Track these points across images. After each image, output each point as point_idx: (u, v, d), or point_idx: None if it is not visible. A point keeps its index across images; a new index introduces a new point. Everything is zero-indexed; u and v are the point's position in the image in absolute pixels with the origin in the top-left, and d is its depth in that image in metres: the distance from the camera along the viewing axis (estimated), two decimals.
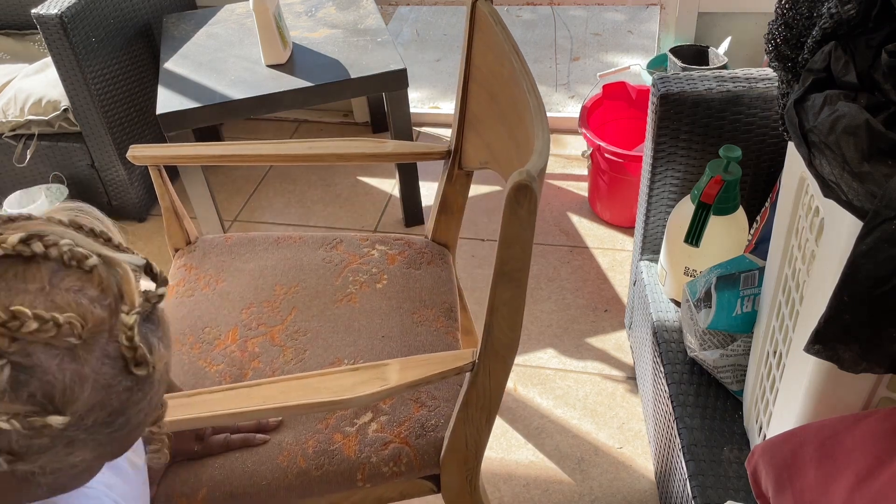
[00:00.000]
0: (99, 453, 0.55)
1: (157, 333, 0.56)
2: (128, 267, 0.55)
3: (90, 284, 0.52)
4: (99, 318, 0.52)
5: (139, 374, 0.53)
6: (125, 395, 0.53)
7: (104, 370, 0.52)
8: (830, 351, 0.68)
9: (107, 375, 0.52)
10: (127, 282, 0.55)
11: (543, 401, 1.60)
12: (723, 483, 1.04)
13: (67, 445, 0.52)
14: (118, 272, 0.55)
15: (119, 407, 0.53)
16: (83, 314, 0.51)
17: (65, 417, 0.50)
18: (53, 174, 2.11)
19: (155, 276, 0.59)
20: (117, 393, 0.53)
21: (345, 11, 2.04)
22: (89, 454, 0.54)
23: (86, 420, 0.51)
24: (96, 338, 0.52)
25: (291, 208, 2.21)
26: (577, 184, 2.19)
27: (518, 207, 0.74)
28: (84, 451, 0.53)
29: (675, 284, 1.30)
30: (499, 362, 0.89)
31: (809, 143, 0.70)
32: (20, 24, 2.31)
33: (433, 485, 1.05)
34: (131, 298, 0.54)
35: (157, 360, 0.55)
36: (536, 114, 0.86)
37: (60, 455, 0.52)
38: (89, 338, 0.51)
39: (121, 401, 0.53)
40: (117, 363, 0.52)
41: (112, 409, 0.53)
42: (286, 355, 1.12)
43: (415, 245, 1.30)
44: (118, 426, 0.54)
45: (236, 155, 1.25)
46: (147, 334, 0.55)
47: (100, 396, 0.52)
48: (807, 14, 0.77)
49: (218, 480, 0.98)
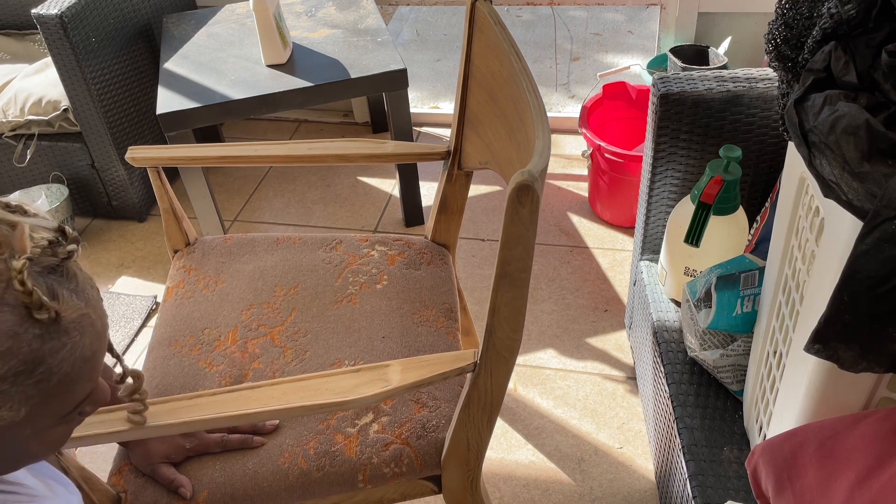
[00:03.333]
0: (33, 408, 0.57)
1: (66, 285, 0.59)
2: (25, 225, 0.58)
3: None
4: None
5: (41, 318, 0.56)
6: (36, 342, 0.56)
7: (5, 318, 0.54)
8: (830, 351, 0.68)
9: (9, 322, 0.54)
10: (21, 235, 0.57)
11: (543, 401, 1.60)
12: (723, 483, 1.04)
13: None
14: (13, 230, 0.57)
15: (32, 356, 0.56)
16: None
17: None
18: (53, 174, 2.11)
19: (66, 236, 0.61)
20: (27, 341, 0.55)
21: (345, 11, 2.04)
22: (21, 408, 0.56)
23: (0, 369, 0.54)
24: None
25: (291, 208, 2.21)
26: (577, 184, 2.19)
27: (520, 207, 0.74)
28: (12, 405, 0.56)
29: (675, 284, 1.30)
30: (500, 363, 0.89)
31: (809, 143, 0.70)
32: (20, 24, 2.31)
33: (434, 486, 1.05)
34: (23, 248, 0.57)
35: (64, 307, 0.58)
36: (537, 114, 0.86)
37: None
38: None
39: (32, 349, 0.56)
40: (18, 310, 0.55)
41: (24, 357, 0.55)
42: (287, 356, 1.12)
43: (415, 245, 1.30)
44: (41, 376, 0.56)
45: (236, 156, 1.25)
46: (53, 284, 0.57)
47: (7, 344, 0.54)
48: (807, 14, 0.77)
49: (219, 482, 0.98)
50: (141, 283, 2.01)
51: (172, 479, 0.96)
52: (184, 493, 0.95)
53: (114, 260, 2.09)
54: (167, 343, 1.16)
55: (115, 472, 1.00)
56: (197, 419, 0.87)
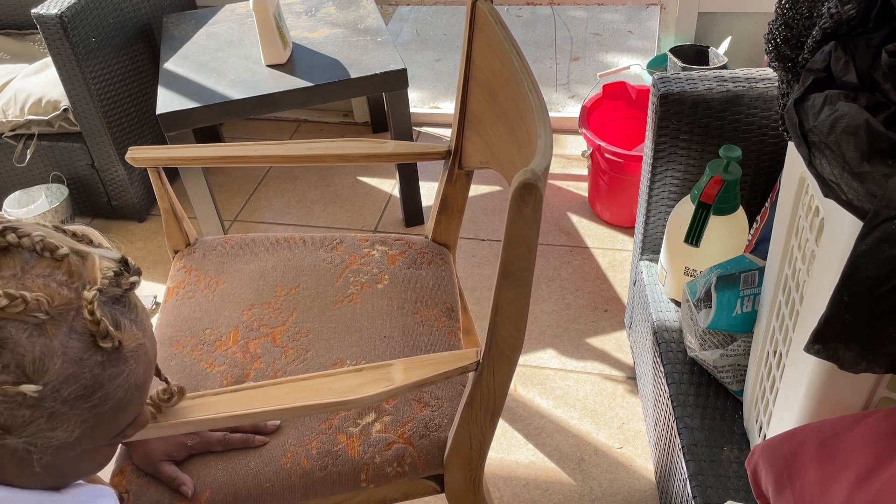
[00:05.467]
0: (85, 430, 0.60)
1: (128, 315, 0.62)
2: (96, 256, 0.61)
3: (59, 270, 0.58)
4: (66, 297, 0.57)
5: (105, 346, 0.58)
6: (98, 369, 0.58)
7: (73, 344, 0.57)
8: (830, 351, 0.68)
9: (76, 349, 0.57)
10: (92, 266, 0.60)
11: (543, 401, 1.60)
12: (723, 483, 1.04)
13: (50, 419, 0.57)
14: (86, 260, 0.61)
15: (93, 381, 0.58)
16: (51, 294, 0.57)
17: (37, 386, 0.55)
18: (53, 174, 2.11)
19: (129, 268, 0.65)
20: (89, 367, 0.58)
21: (345, 11, 2.04)
22: (75, 430, 0.59)
23: (61, 392, 0.56)
24: (64, 315, 0.57)
25: (291, 208, 2.21)
26: (577, 184, 2.19)
27: (523, 206, 0.74)
28: (67, 425, 0.58)
29: (675, 284, 1.30)
30: (503, 361, 0.89)
31: (809, 143, 0.70)
32: (20, 24, 2.31)
33: (437, 485, 1.05)
34: (94, 278, 0.60)
35: (126, 336, 0.60)
36: (538, 113, 0.86)
37: (45, 429, 0.57)
38: (57, 314, 0.57)
39: (94, 374, 0.58)
40: (85, 338, 0.58)
41: (86, 382, 0.58)
42: (288, 356, 1.12)
43: (415, 245, 1.31)
44: (97, 401, 0.59)
45: (235, 156, 1.25)
46: (116, 314, 0.60)
47: (72, 369, 0.57)
48: (807, 14, 0.77)
49: (221, 482, 0.98)
50: (141, 284, 2.01)
51: (175, 477, 0.96)
52: (186, 492, 0.96)
53: None
54: (168, 343, 1.16)
55: (117, 472, 1.00)
56: (200, 419, 0.87)
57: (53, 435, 0.58)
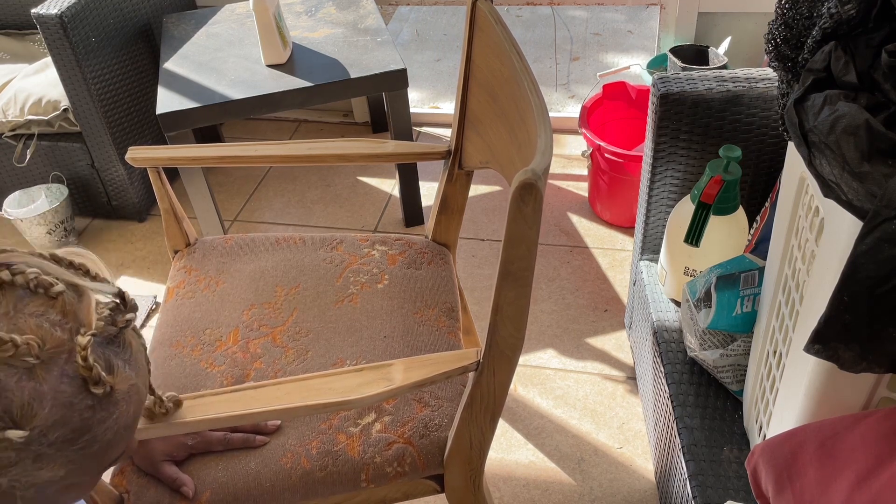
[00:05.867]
0: (71, 470, 0.58)
1: (122, 356, 0.60)
2: (91, 294, 0.59)
3: (53, 309, 0.56)
4: (58, 339, 0.55)
5: (97, 392, 0.57)
6: (88, 413, 0.57)
7: (63, 388, 0.55)
8: (830, 351, 0.68)
9: (66, 394, 0.55)
10: (88, 307, 0.59)
11: (543, 401, 1.60)
12: (723, 483, 1.04)
13: (36, 461, 0.55)
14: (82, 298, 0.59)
15: (82, 425, 0.57)
16: (43, 336, 0.54)
17: (24, 432, 0.53)
18: (53, 174, 2.11)
19: (125, 303, 0.62)
20: (79, 411, 0.56)
21: (345, 11, 2.04)
22: (60, 470, 0.57)
23: (49, 436, 0.55)
24: (55, 358, 0.55)
25: (291, 208, 2.21)
26: (577, 184, 2.19)
27: (524, 206, 0.74)
28: (53, 466, 0.56)
29: (675, 284, 1.30)
30: (504, 361, 0.89)
31: (809, 143, 0.70)
32: (20, 24, 2.31)
33: (437, 485, 1.05)
34: (89, 321, 0.58)
35: (118, 380, 0.59)
36: (539, 113, 0.86)
37: (30, 469, 0.55)
38: (48, 358, 0.55)
39: (83, 419, 0.56)
40: (76, 382, 0.56)
41: (75, 426, 0.56)
42: (288, 356, 1.12)
43: (415, 245, 1.31)
44: (85, 443, 0.57)
45: (236, 156, 1.25)
46: (110, 356, 0.59)
47: (61, 413, 0.55)
48: (807, 14, 0.77)
49: (221, 483, 0.98)
50: (141, 284, 2.01)
51: (175, 477, 0.96)
52: (186, 492, 0.96)
53: (114, 260, 2.09)
54: (168, 343, 1.16)
55: (118, 472, 1.00)
56: (200, 419, 0.87)
57: (38, 475, 0.56)
